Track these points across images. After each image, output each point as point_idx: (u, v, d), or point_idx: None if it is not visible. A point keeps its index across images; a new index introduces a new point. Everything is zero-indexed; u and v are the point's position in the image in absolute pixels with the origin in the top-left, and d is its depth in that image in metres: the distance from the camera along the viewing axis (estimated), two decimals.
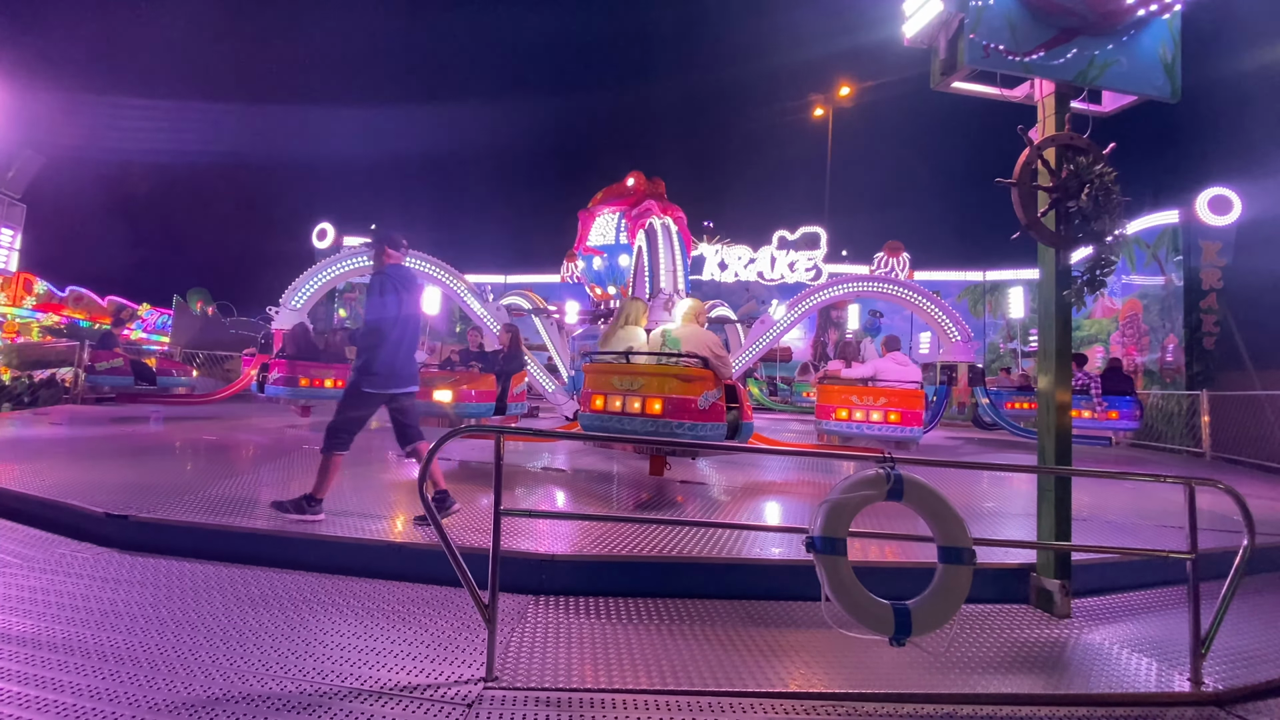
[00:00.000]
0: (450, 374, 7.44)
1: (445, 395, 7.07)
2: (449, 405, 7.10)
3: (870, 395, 7.19)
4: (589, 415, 5.19)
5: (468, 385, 7.20)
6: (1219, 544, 3.89)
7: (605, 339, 5.79)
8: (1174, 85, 3.52)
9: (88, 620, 2.76)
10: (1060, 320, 3.40)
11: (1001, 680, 2.59)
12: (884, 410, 7.11)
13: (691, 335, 5.33)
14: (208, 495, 4.46)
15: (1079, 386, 10.22)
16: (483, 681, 2.38)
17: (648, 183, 13.65)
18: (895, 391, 7.20)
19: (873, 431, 7.16)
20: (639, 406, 4.92)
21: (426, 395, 6.84)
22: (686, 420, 4.87)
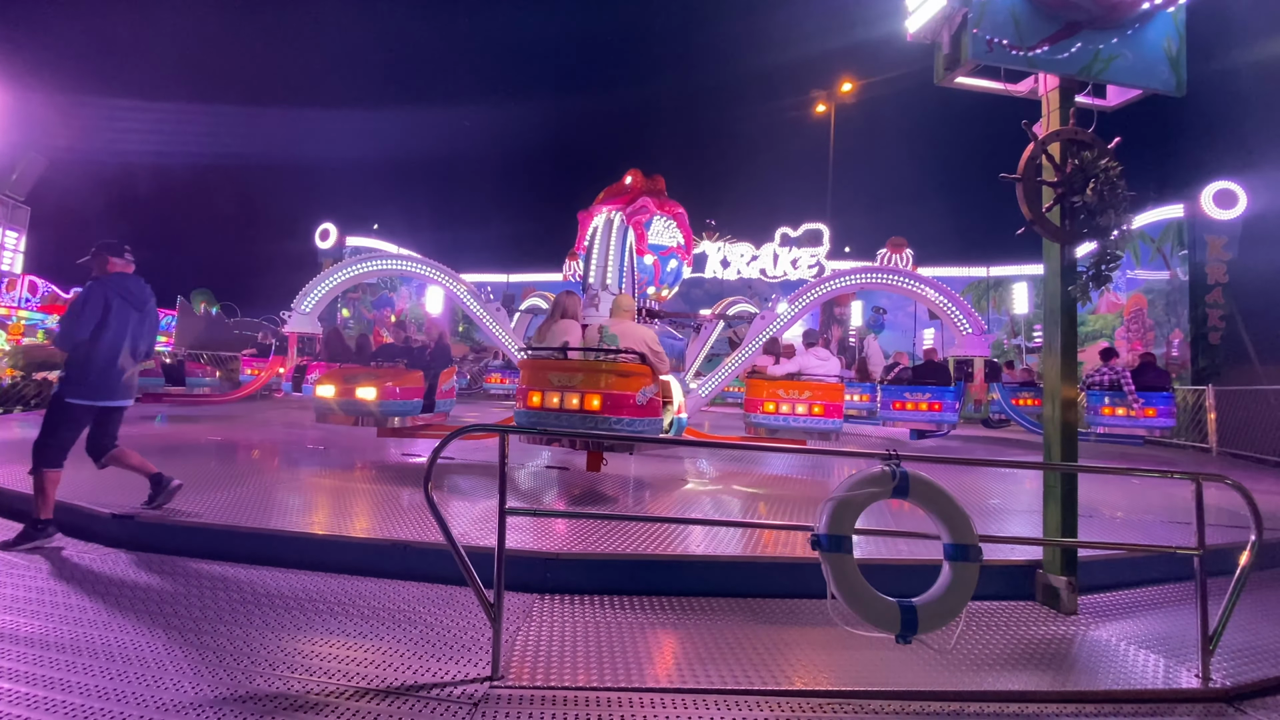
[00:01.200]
0: (374, 370, 7.02)
1: (369, 393, 6.61)
2: (373, 403, 6.63)
3: (795, 389, 7.42)
4: (525, 412, 5.11)
5: (393, 382, 6.72)
6: (1226, 539, 3.88)
7: (540, 334, 5.76)
8: (1179, 79, 3.50)
9: (94, 621, 2.77)
10: (1065, 316, 3.39)
11: (1008, 677, 2.58)
12: (808, 404, 7.33)
13: (628, 331, 5.36)
14: (213, 495, 4.47)
15: (1109, 382, 9.88)
16: (488, 680, 2.38)
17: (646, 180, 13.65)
18: (818, 385, 7.48)
19: (798, 424, 7.35)
20: (577, 403, 4.90)
21: (349, 393, 6.55)
22: (625, 416, 4.87)
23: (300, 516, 4.07)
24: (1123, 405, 9.74)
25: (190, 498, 4.35)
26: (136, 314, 4.03)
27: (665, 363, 5.39)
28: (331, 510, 4.20)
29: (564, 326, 5.57)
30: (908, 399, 10.05)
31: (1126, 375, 9.83)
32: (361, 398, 6.56)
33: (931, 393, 9.90)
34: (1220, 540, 3.79)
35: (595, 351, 5.15)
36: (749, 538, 3.84)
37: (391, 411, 6.70)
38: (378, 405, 6.58)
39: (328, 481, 5.28)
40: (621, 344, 5.24)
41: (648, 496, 5.17)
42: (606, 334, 5.40)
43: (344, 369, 7.14)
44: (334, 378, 6.77)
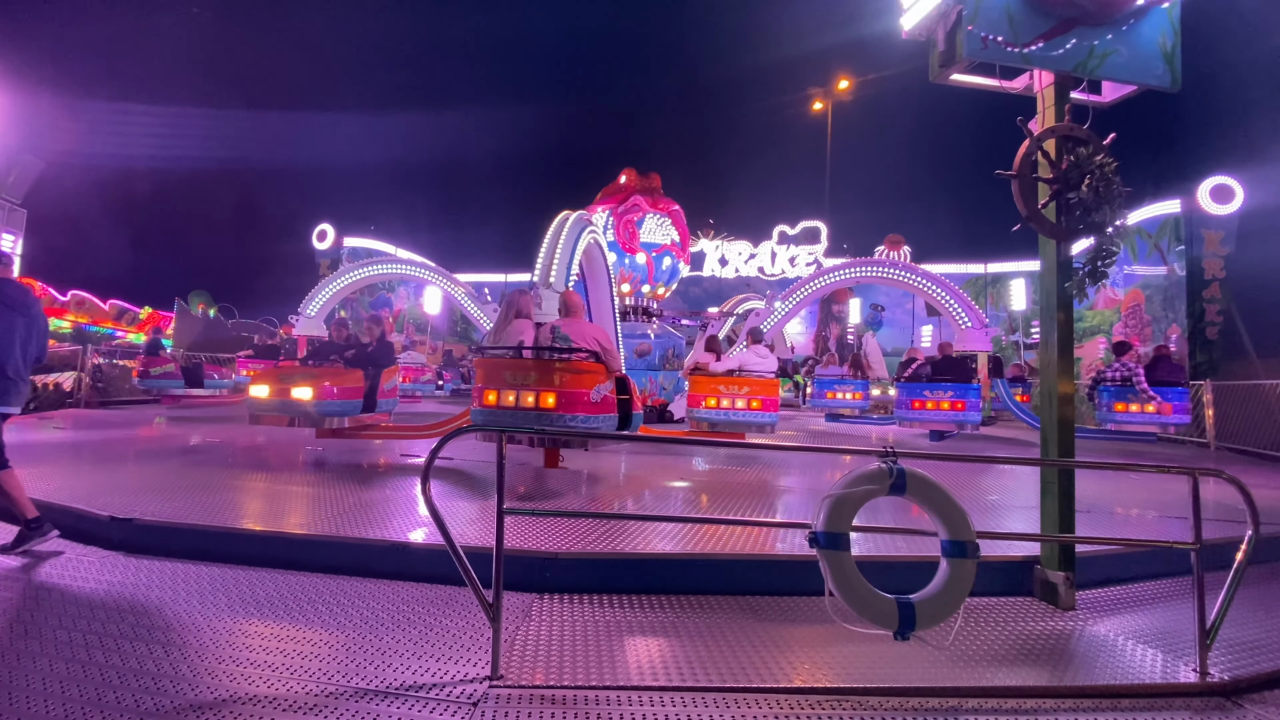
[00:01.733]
0: (311, 370, 6.75)
1: (305, 393, 6.37)
2: (309, 403, 6.38)
3: (735, 385, 7.64)
4: (481, 410, 5.13)
5: (330, 381, 6.48)
6: (1224, 534, 3.88)
7: (495, 335, 5.77)
8: (1174, 74, 3.50)
9: (93, 623, 2.77)
10: (1062, 312, 3.39)
11: (1007, 673, 2.58)
12: (746, 398, 7.56)
13: (580, 330, 5.44)
14: (212, 498, 4.47)
15: (1122, 377, 9.63)
16: (488, 680, 2.38)
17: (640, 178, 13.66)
18: (756, 381, 7.67)
19: (737, 418, 7.56)
20: (532, 401, 4.92)
21: (284, 393, 6.32)
22: (580, 413, 4.93)
23: (298, 518, 4.06)
24: (1136, 401, 9.46)
25: (189, 500, 4.35)
26: (22, 319, 3.92)
27: (618, 360, 5.46)
28: (330, 511, 4.19)
29: (518, 326, 5.58)
30: (928, 397, 9.48)
31: (1139, 371, 9.59)
32: (297, 398, 6.35)
33: (953, 390, 9.37)
34: (1217, 535, 3.80)
35: (548, 350, 5.18)
36: (747, 536, 3.84)
37: (329, 412, 6.48)
38: (314, 405, 6.35)
39: (327, 482, 5.28)
40: (574, 342, 5.29)
41: (646, 495, 5.17)
42: (559, 333, 5.46)
43: (280, 368, 6.89)
44: (269, 378, 6.59)
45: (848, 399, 13.25)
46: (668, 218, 13.45)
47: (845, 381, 13.30)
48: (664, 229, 13.47)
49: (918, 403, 9.55)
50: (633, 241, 13.27)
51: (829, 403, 13.37)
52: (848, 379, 13.53)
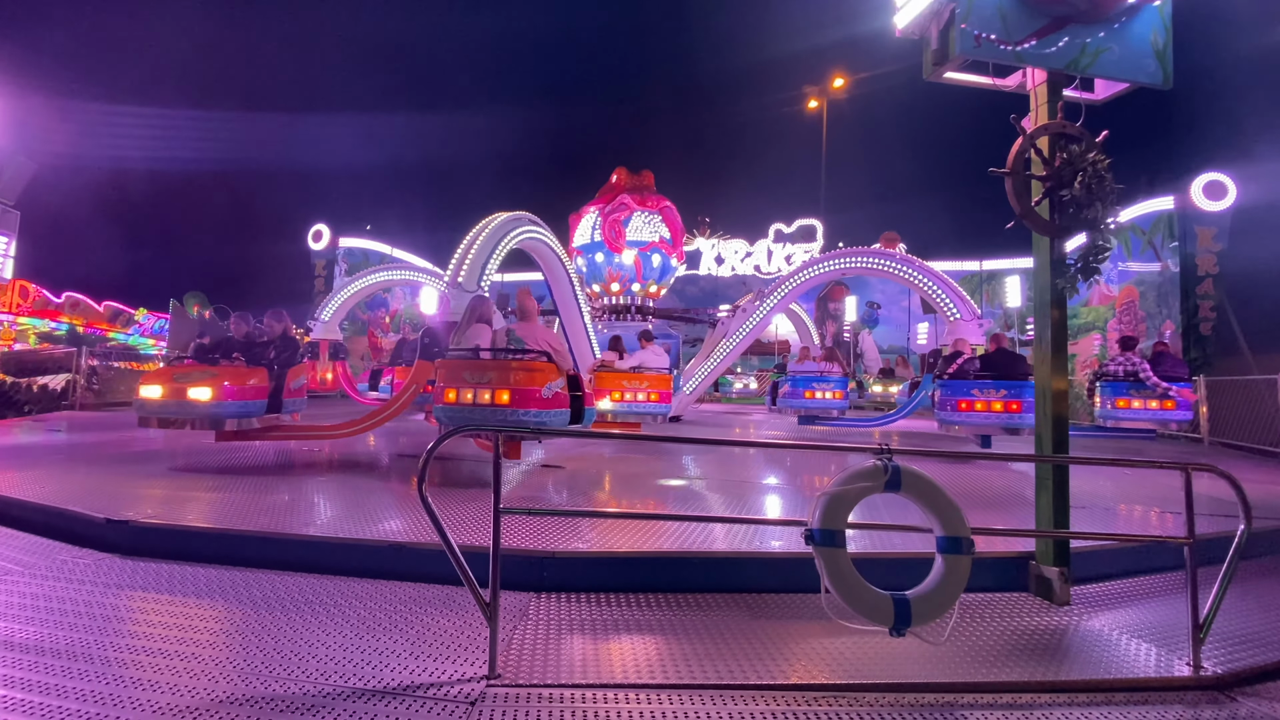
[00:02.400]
0: (210, 368, 6.33)
1: (203, 393, 6.01)
2: (207, 403, 6.03)
3: (636, 380, 8.51)
4: (443, 408, 5.49)
5: (230, 380, 6.16)
6: (1217, 529, 3.91)
7: (456, 338, 6.09)
8: (1165, 72, 3.52)
9: (90, 626, 2.77)
10: (1055, 309, 3.41)
11: (1002, 668, 2.60)
12: (646, 391, 8.42)
13: (533, 333, 5.85)
14: (208, 498, 4.46)
15: (1125, 372, 9.17)
16: (485, 679, 2.39)
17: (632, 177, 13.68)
18: (654, 376, 8.60)
19: (637, 409, 8.39)
20: (489, 398, 5.25)
21: (180, 394, 5.97)
22: (533, 408, 5.27)
23: (295, 518, 4.06)
24: (1139, 397, 8.96)
25: (185, 502, 4.35)
26: None
27: (568, 360, 5.89)
28: (327, 512, 4.20)
29: (476, 330, 5.90)
30: (977, 397, 8.06)
31: (1145, 365, 9.10)
32: (194, 398, 6.05)
33: (1008, 389, 7.77)
34: (1211, 529, 3.83)
35: (504, 352, 5.56)
36: (743, 533, 3.85)
37: (230, 413, 6.23)
38: (214, 406, 6.08)
39: (322, 483, 5.28)
40: (526, 344, 5.67)
41: (641, 493, 5.18)
42: (513, 336, 6.09)
43: (174, 367, 6.55)
44: (161, 377, 6.23)
45: (826, 399, 11.29)
46: (658, 214, 13.45)
47: (824, 379, 11.17)
48: (652, 226, 13.47)
49: (965, 403, 8.14)
50: (619, 240, 13.32)
51: (805, 403, 11.52)
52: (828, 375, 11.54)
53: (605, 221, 13.33)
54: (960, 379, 8.31)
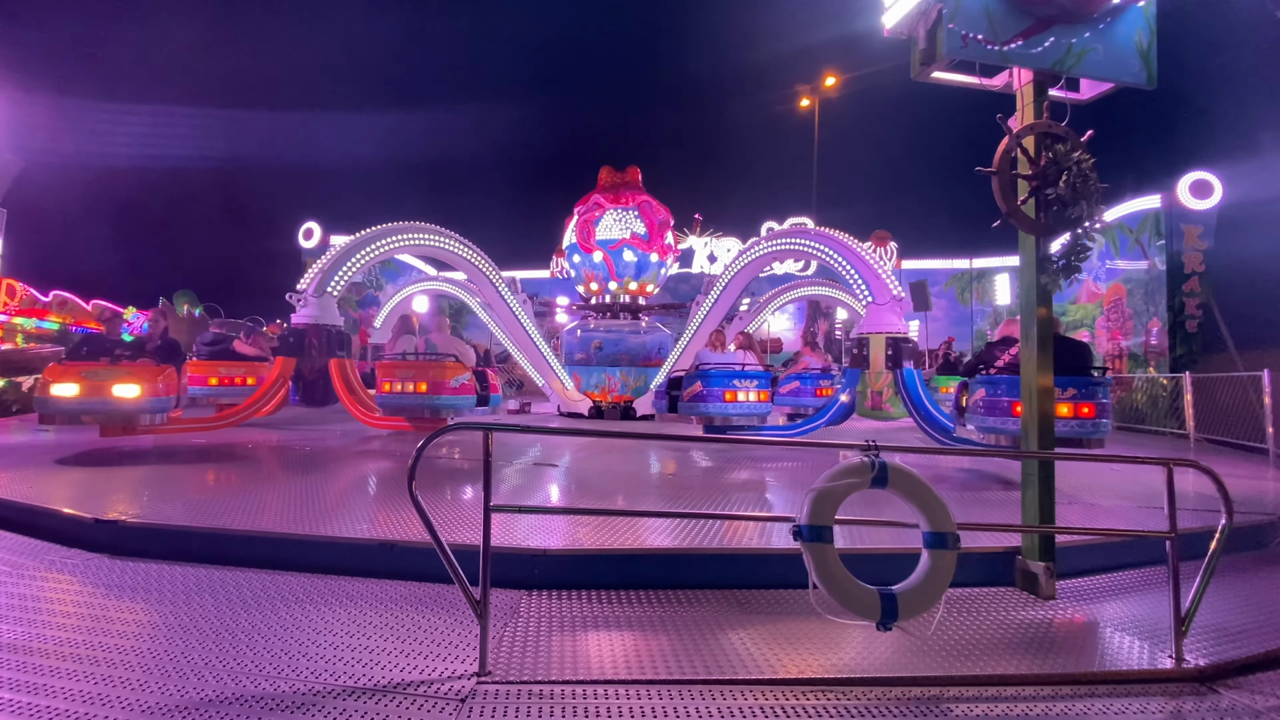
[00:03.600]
0: (123, 367, 6.48)
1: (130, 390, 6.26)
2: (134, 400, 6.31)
3: (407, 369, 8.56)
4: (383, 396, 7.95)
5: (151, 379, 6.40)
6: (1200, 524, 3.96)
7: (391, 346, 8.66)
8: (1150, 72, 3.55)
9: (79, 626, 2.76)
10: (1042, 307, 3.44)
11: (988, 662, 2.63)
12: (415, 382, 8.62)
13: (445, 341, 8.57)
14: (196, 498, 4.45)
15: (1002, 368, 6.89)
16: (476, 676, 2.40)
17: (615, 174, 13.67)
18: (423, 365, 8.74)
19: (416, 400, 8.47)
20: (413, 388, 7.74)
21: (101, 390, 6.12)
22: (444, 395, 7.77)
23: (284, 517, 4.05)
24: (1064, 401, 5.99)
25: (174, 501, 4.33)
26: None
27: (471, 360, 8.50)
28: (317, 511, 4.19)
29: (406, 339, 8.68)
30: None
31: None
32: (119, 396, 6.25)
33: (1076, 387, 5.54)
34: (1194, 524, 3.88)
35: (425, 355, 8.19)
36: (734, 530, 3.87)
37: (147, 409, 6.47)
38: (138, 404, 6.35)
39: (311, 481, 5.27)
40: (439, 349, 8.24)
41: (633, 491, 5.20)
42: (430, 344, 8.49)
43: (80, 364, 6.57)
44: (72, 374, 6.30)
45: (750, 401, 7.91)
46: (634, 209, 13.37)
47: (746, 374, 8.01)
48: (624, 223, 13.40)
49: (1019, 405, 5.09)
50: (589, 240, 13.43)
51: (726, 408, 7.90)
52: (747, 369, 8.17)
53: (579, 222, 13.46)
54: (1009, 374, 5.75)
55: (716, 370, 7.83)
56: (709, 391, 7.69)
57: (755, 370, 8.03)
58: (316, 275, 8.92)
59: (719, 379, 7.72)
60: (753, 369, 8.04)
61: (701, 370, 7.89)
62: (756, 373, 7.98)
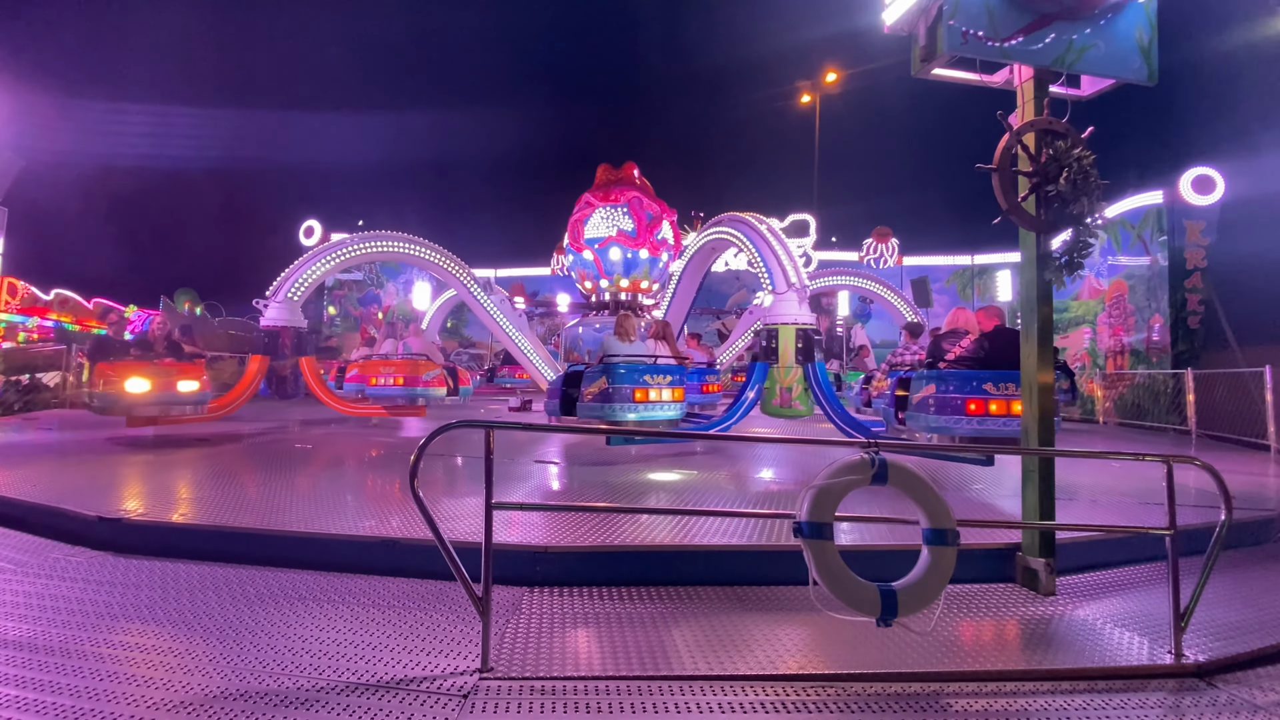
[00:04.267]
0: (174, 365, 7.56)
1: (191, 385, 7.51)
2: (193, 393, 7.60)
3: (390, 366, 10.45)
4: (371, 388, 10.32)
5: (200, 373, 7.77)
6: (1200, 520, 3.97)
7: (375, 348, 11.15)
8: (1150, 68, 3.55)
9: (84, 623, 2.78)
10: (1043, 303, 3.45)
11: (988, 657, 2.64)
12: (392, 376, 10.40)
13: (421, 345, 11.01)
14: (199, 496, 4.46)
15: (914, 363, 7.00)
16: (478, 672, 2.41)
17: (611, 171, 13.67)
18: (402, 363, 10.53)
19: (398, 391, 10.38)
20: (393, 381, 10.17)
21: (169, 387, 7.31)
22: (419, 386, 10.18)
23: (287, 514, 4.07)
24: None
25: (176, 498, 4.35)
26: None
27: (439, 358, 10.99)
28: (319, 508, 4.20)
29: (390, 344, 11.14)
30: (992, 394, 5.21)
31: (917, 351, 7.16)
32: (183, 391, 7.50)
33: None
34: (1194, 520, 3.89)
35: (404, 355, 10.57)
36: (734, 526, 3.88)
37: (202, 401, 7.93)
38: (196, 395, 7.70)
39: (314, 478, 5.28)
40: (414, 350, 10.70)
41: (634, 488, 5.21)
42: (407, 347, 10.83)
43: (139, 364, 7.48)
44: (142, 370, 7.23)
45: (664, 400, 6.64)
46: (623, 206, 13.34)
47: (659, 368, 6.72)
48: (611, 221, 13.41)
49: (975, 404, 5.19)
50: (579, 239, 13.51)
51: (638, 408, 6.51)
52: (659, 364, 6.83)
53: (571, 221, 13.56)
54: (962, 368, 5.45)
55: (625, 364, 6.50)
56: (618, 390, 6.36)
57: (669, 365, 6.80)
58: (280, 281, 10.03)
59: (629, 375, 6.42)
60: (666, 362, 6.83)
61: (605, 363, 6.52)
62: (668, 366, 6.73)
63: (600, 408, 6.40)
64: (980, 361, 5.38)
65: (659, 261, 13.92)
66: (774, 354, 7.85)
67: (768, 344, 8.01)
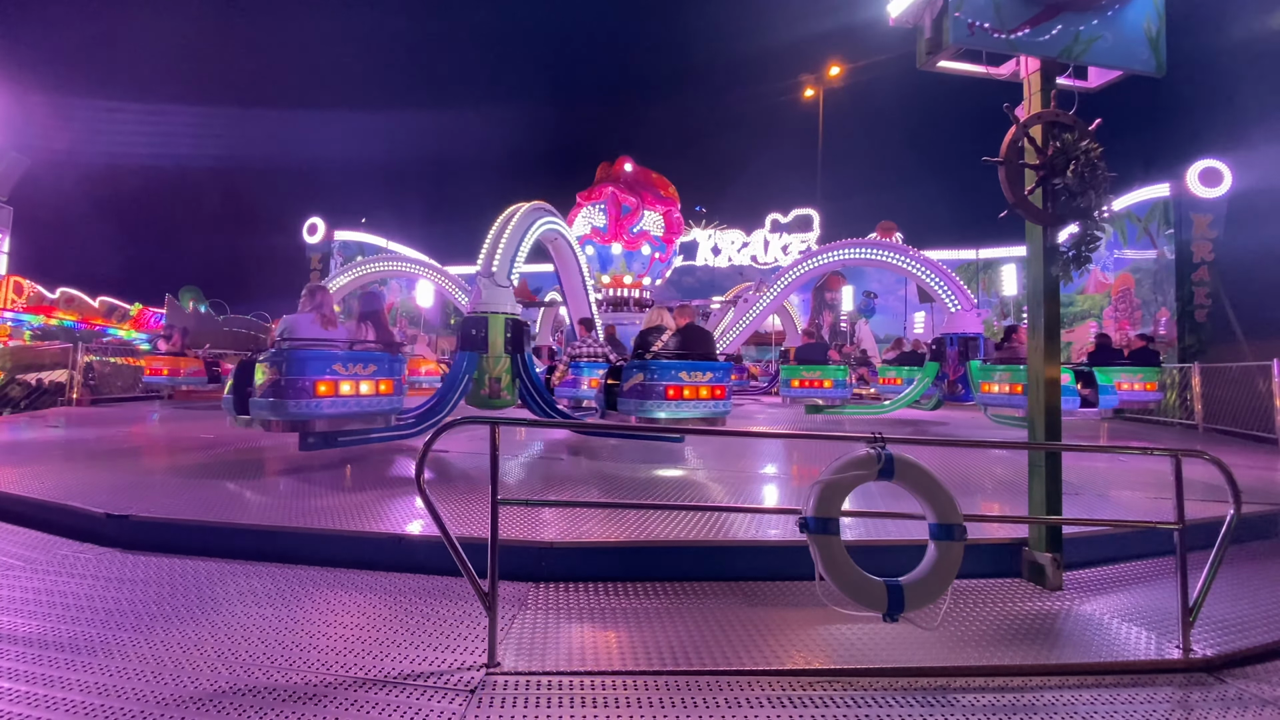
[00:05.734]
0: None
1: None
2: None
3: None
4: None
5: None
6: (1208, 514, 3.94)
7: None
8: (1158, 59, 3.52)
9: (92, 619, 2.79)
10: (1049, 298, 3.43)
11: (995, 653, 2.63)
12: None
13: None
14: (207, 492, 4.48)
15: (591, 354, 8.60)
16: (485, 668, 2.42)
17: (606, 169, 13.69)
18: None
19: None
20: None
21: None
22: None
23: (294, 511, 4.08)
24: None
25: (185, 495, 4.37)
26: None
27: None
28: (326, 504, 4.21)
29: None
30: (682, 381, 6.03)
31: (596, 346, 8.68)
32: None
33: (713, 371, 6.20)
34: (1201, 515, 3.86)
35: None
36: (740, 521, 3.88)
37: None
38: None
39: (320, 475, 5.30)
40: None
41: (639, 483, 5.21)
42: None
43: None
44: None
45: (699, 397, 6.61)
46: (600, 203, 13.42)
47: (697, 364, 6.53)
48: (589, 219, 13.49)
49: (674, 389, 6.04)
50: None
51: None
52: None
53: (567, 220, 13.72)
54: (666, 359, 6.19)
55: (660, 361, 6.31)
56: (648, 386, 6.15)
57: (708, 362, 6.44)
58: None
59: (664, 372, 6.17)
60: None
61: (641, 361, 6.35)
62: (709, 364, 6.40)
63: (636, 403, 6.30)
64: (676, 354, 6.24)
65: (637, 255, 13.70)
66: (483, 343, 7.53)
67: (475, 333, 7.53)
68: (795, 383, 11.28)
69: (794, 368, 11.36)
